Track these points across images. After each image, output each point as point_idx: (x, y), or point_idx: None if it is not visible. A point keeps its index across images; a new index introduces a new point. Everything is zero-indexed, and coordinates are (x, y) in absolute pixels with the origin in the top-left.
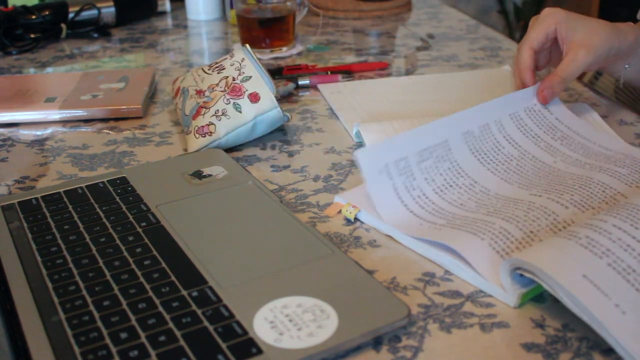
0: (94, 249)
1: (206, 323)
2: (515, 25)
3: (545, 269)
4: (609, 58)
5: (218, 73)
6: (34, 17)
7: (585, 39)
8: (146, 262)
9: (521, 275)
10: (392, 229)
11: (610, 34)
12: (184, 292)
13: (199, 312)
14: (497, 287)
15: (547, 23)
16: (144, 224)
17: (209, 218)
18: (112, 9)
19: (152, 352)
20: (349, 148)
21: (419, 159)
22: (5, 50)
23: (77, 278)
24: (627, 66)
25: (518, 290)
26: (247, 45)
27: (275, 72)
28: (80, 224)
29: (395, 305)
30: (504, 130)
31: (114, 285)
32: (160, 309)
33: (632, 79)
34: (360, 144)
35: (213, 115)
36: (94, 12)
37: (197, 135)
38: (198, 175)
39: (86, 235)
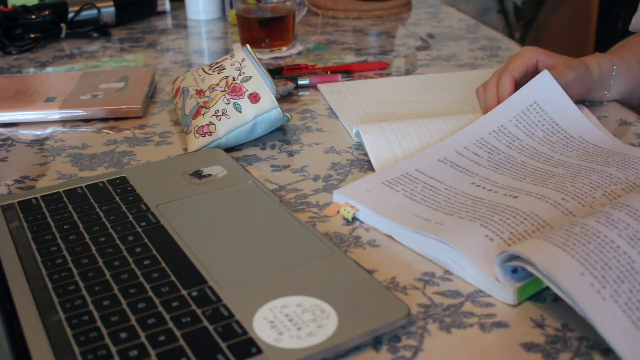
0: (94, 249)
1: (206, 323)
2: (515, 25)
3: (544, 264)
4: (584, 88)
5: (219, 73)
6: (34, 17)
7: (567, 61)
8: (146, 262)
9: (513, 271)
10: (392, 228)
11: (582, 66)
12: (184, 292)
13: (199, 312)
14: (495, 283)
15: (528, 57)
16: (144, 224)
17: (209, 218)
18: (112, 9)
19: (152, 352)
20: (349, 148)
21: (420, 170)
22: (5, 50)
23: (77, 278)
24: (606, 93)
25: (514, 285)
26: (248, 46)
27: (275, 72)
28: (80, 224)
29: (395, 305)
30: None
31: (114, 285)
32: (160, 309)
33: (615, 101)
34: (360, 144)
35: (213, 116)
36: (94, 12)
37: (197, 135)
38: (198, 175)
39: (86, 235)
